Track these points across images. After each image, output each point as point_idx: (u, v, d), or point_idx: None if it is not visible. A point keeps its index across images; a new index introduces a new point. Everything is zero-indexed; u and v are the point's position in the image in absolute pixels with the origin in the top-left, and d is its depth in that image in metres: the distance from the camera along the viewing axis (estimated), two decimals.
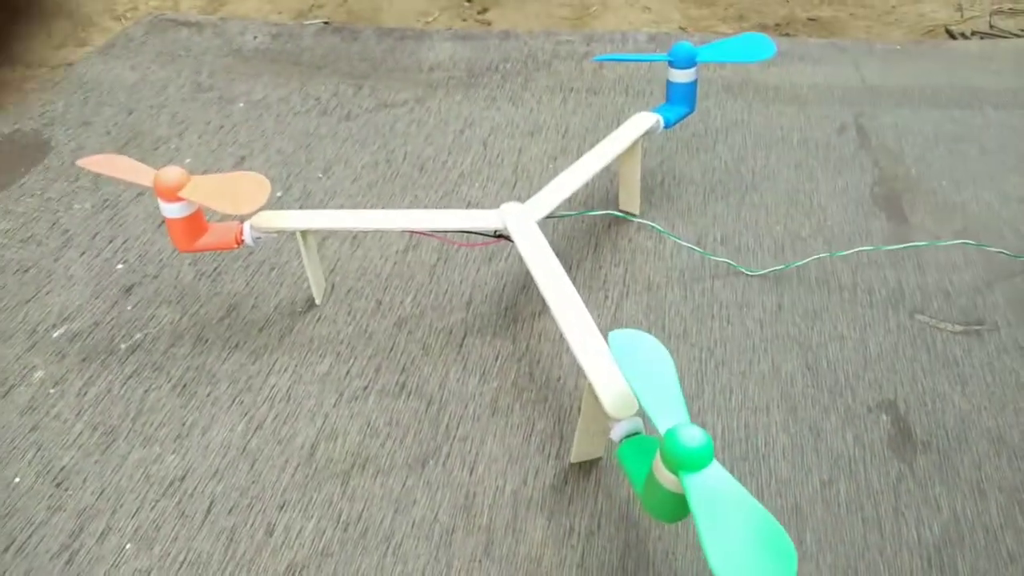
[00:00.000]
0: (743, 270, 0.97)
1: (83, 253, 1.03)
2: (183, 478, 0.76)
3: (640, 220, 1.03)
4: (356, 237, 1.04)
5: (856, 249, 0.98)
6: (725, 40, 1.04)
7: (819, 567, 0.68)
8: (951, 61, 1.41)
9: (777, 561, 0.52)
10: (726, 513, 0.54)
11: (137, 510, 0.73)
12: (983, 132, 1.21)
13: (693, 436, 0.56)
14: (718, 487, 0.55)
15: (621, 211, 1.06)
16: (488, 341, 0.89)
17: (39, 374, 0.87)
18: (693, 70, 1.02)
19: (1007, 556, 0.68)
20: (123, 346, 0.89)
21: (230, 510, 0.73)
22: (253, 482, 0.75)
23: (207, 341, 0.90)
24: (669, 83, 1.03)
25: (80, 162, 0.85)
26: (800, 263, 0.97)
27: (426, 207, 1.10)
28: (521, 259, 0.84)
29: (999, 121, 1.23)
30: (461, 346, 0.89)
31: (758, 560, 0.52)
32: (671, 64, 1.01)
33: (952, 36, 1.67)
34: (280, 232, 0.88)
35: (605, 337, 0.70)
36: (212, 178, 0.83)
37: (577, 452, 0.76)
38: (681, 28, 1.81)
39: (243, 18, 1.64)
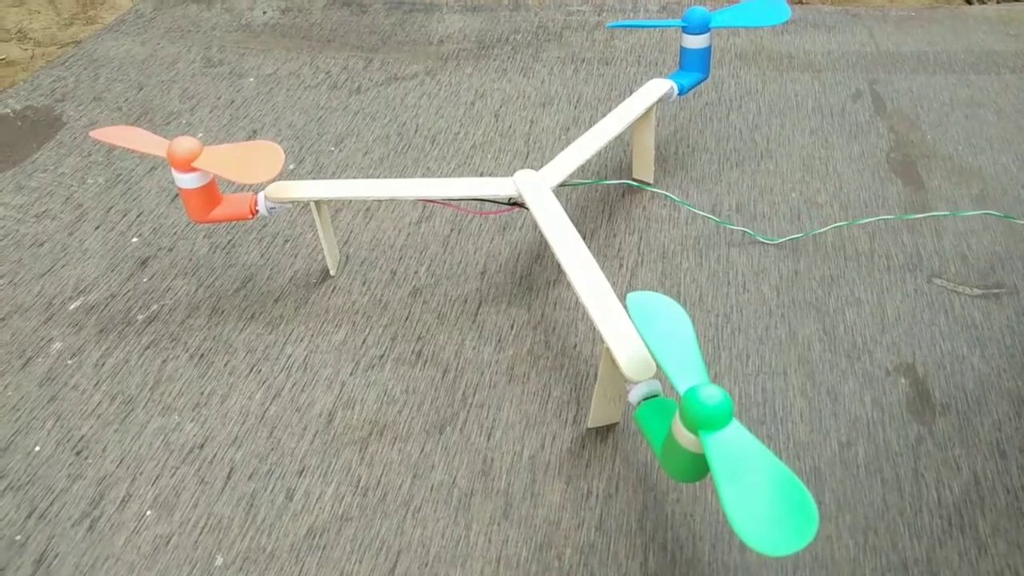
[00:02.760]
0: (761, 239, 0.96)
1: (98, 227, 1.03)
2: (202, 445, 0.76)
3: (654, 189, 1.03)
4: (369, 209, 1.04)
5: (876, 218, 0.98)
6: (739, 5, 1.03)
7: (838, 528, 0.68)
8: (967, 26, 1.39)
9: (798, 519, 0.52)
10: (747, 471, 0.54)
11: (157, 477, 0.74)
12: (1000, 96, 1.20)
13: (712, 395, 0.55)
14: (738, 446, 0.55)
15: (635, 180, 1.06)
16: (503, 309, 0.89)
17: (57, 345, 0.87)
18: (707, 35, 1.01)
19: None
20: (140, 317, 0.90)
21: (250, 476, 0.74)
22: (272, 449, 0.76)
23: (223, 312, 0.90)
24: (683, 49, 1.02)
25: (93, 133, 0.85)
26: (818, 231, 0.96)
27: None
28: (535, 228, 0.83)
29: (1016, 85, 1.22)
30: (476, 315, 0.89)
31: (779, 518, 0.52)
32: (685, 29, 1.00)
33: (968, 1, 1.65)
34: (295, 202, 0.88)
35: (621, 304, 0.70)
36: (226, 147, 0.83)
37: (594, 417, 0.76)
38: None
39: None
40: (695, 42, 1.01)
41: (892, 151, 1.10)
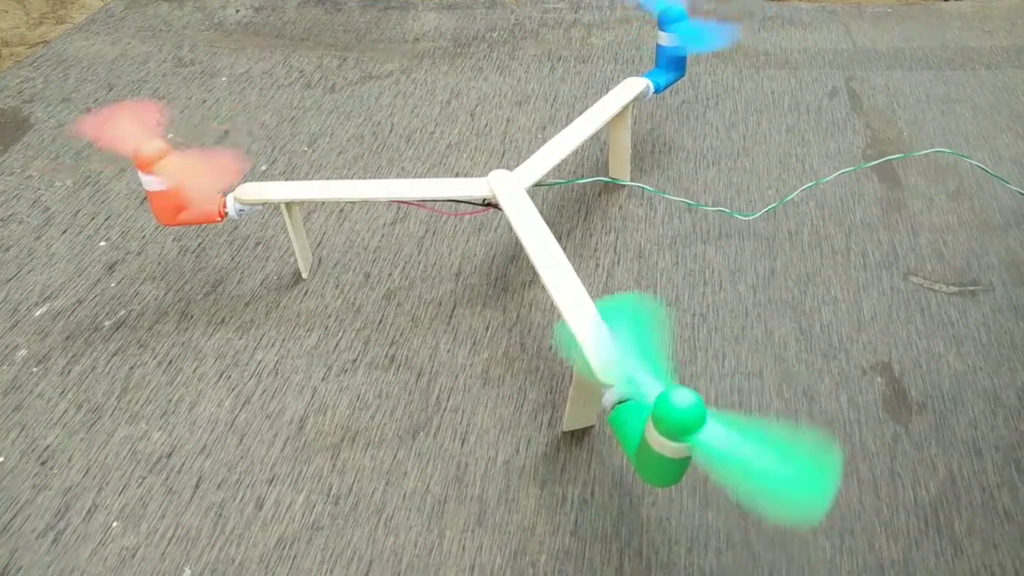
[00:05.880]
0: (737, 215, 0.97)
1: (65, 231, 1.01)
2: (170, 454, 0.75)
3: (629, 183, 1.02)
4: (342, 210, 1.02)
5: (839, 172, 1.01)
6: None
7: (815, 529, 0.67)
8: (943, 22, 1.39)
9: (816, 463, 0.52)
10: (747, 454, 0.53)
11: (124, 487, 0.72)
12: (976, 92, 1.20)
13: (683, 400, 0.54)
14: (725, 437, 0.54)
15: (610, 177, 1.05)
16: (478, 312, 0.88)
17: (22, 353, 0.85)
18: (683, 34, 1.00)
19: (1003, 514, 0.68)
20: (107, 323, 0.88)
21: (219, 485, 0.72)
22: (242, 457, 0.74)
23: (192, 317, 0.88)
24: (659, 47, 1.01)
25: (74, 129, 0.83)
26: (789, 197, 0.99)
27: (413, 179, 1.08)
28: (510, 229, 0.82)
29: (992, 81, 1.22)
30: (451, 317, 0.87)
31: (802, 472, 0.51)
32: (660, 27, 1.00)
33: None
34: (264, 204, 0.86)
35: (595, 307, 0.69)
36: (188, 155, 0.82)
37: (569, 420, 0.75)
38: None
39: None
40: (670, 40, 1.00)
41: (868, 148, 1.09)
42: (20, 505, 0.71)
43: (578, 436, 0.75)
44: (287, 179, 1.08)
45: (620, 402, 0.65)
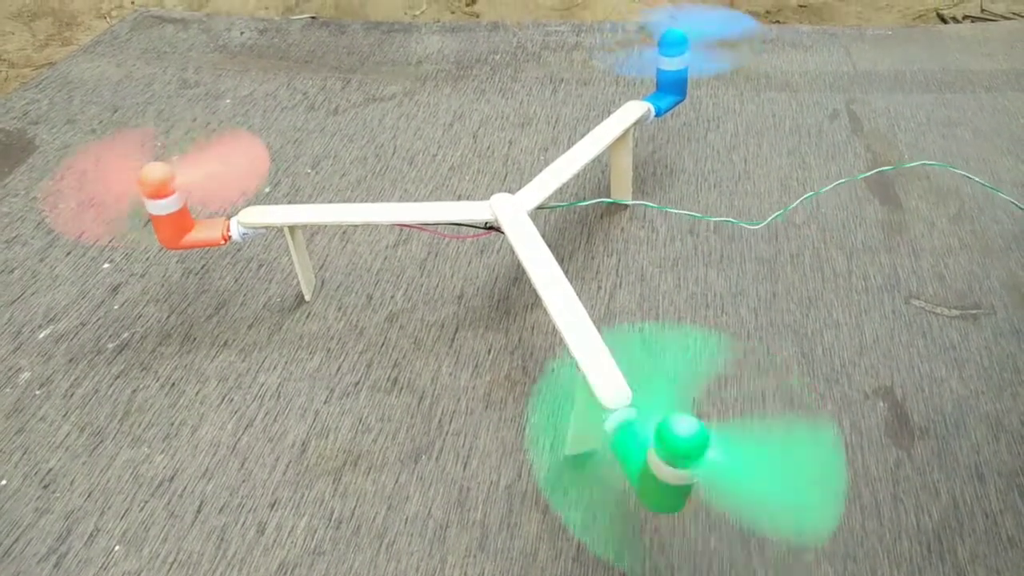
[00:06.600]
0: (744, 224, 0.98)
1: (69, 253, 1.01)
2: (172, 478, 0.75)
3: (631, 202, 1.03)
4: (345, 232, 1.03)
5: (836, 183, 1.04)
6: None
7: (817, 556, 0.67)
8: (943, 45, 1.40)
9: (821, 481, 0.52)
10: (754, 478, 0.53)
11: (126, 511, 0.72)
12: (976, 115, 1.20)
13: (686, 428, 0.54)
14: (727, 464, 0.54)
15: (612, 199, 1.05)
16: (480, 334, 0.88)
17: (25, 375, 0.85)
18: (683, 57, 1.00)
19: (1007, 540, 0.68)
20: (110, 346, 0.88)
21: (220, 509, 0.72)
22: (243, 481, 0.74)
23: (195, 339, 0.89)
24: (659, 71, 1.02)
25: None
26: (791, 206, 1.02)
27: (416, 201, 1.08)
28: (513, 251, 0.82)
29: (992, 104, 1.23)
30: (453, 340, 0.88)
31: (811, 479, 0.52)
32: (660, 51, 1.00)
33: (943, 20, 1.66)
34: (268, 228, 0.87)
35: (598, 328, 0.69)
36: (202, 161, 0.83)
37: (572, 444, 0.75)
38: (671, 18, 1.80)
39: (229, 14, 1.63)
40: (671, 64, 1.01)
41: (869, 170, 1.10)
42: (22, 529, 0.71)
43: (580, 460, 0.75)
44: (290, 201, 1.09)
45: (623, 426, 0.65)
